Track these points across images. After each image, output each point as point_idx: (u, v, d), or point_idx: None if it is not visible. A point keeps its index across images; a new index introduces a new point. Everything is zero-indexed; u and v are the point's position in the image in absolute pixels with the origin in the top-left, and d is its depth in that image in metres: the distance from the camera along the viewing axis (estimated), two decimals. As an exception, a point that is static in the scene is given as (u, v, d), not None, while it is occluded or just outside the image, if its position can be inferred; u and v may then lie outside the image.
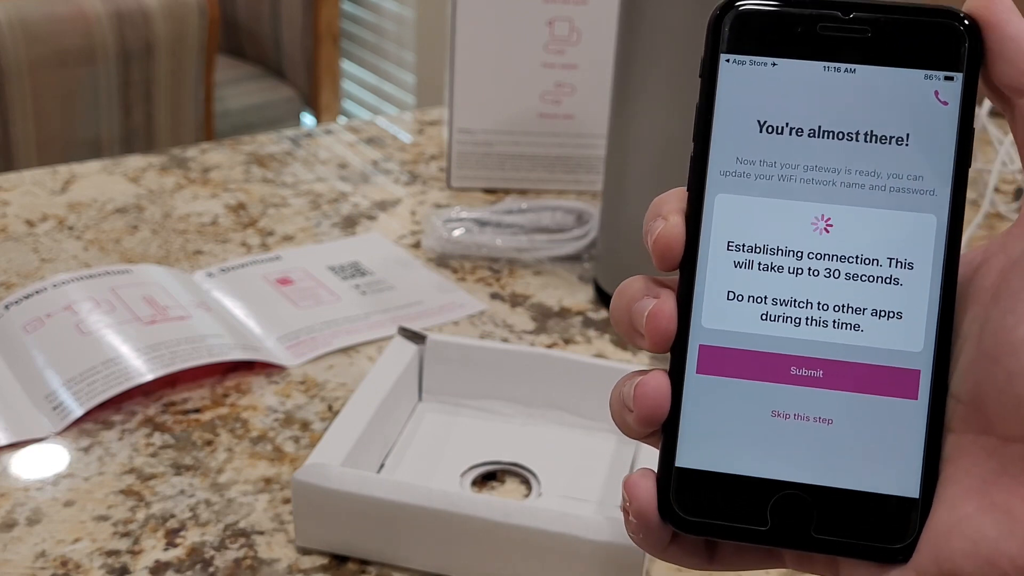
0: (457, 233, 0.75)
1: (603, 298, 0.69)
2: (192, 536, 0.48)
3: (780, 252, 0.30)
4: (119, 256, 0.73)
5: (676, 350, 0.30)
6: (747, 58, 0.30)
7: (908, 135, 0.30)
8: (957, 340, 0.29)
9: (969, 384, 0.28)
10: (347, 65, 2.79)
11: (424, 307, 0.68)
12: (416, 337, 0.57)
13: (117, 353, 0.58)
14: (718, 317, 0.30)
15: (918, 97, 0.30)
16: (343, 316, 0.67)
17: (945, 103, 0.30)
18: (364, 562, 0.47)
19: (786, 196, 0.30)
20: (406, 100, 2.62)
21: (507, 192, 0.86)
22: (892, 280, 0.30)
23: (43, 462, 0.53)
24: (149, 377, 0.56)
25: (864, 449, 0.29)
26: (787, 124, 0.30)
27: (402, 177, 0.88)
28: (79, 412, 0.55)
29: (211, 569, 0.46)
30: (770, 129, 0.30)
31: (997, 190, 0.85)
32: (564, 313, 0.68)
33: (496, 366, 0.57)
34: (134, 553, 0.47)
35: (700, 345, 0.30)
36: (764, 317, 0.30)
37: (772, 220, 0.30)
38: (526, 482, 0.53)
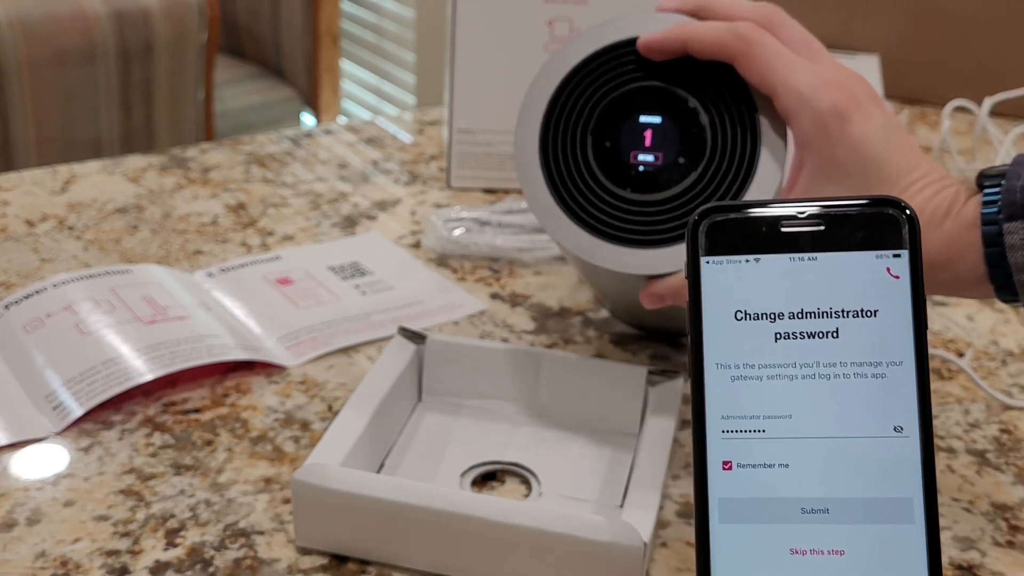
0: (457, 233, 0.75)
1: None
2: (192, 536, 0.48)
3: (770, 425, 0.35)
4: (119, 256, 0.73)
5: (699, 504, 0.34)
6: (724, 258, 0.35)
7: (869, 308, 0.35)
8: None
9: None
10: (347, 65, 2.79)
11: (424, 307, 0.68)
12: (416, 337, 0.57)
13: (117, 353, 0.58)
14: (731, 479, 0.34)
15: (873, 274, 0.35)
16: (343, 316, 0.67)
17: (897, 277, 0.35)
18: (364, 562, 0.47)
19: (770, 378, 0.34)
20: (406, 100, 2.62)
21: (507, 192, 0.86)
22: (888, 442, 0.34)
23: (43, 462, 0.53)
24: (149, 377, 0.56)
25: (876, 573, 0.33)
26: (764, 312, 0.35)
27: (402, 177, 0.88)
28: (79, 412, 0.55)
29: (211, 569, 0.46)
30: (753, 317, 0.35)
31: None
32: (564, 313, 0.68)
33: (496, 366, 0.57)
34: (134, 553, 0.47)
35: (719, 498, 0.34)
36: (768, 474, 0.34)
37: (763, 393, 0.35)
38: (526, 482, 0.53)
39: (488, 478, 0.53)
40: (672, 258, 0.51)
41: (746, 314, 0.35)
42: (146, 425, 0.56)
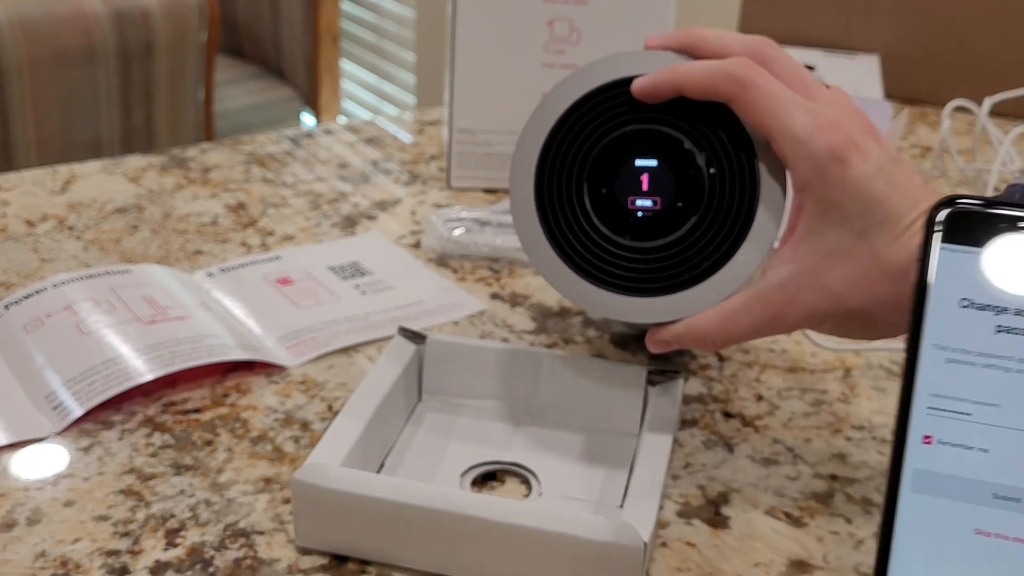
0: (457, 233, 0.75)
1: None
2: (192, 536, 0.48)
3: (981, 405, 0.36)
4: (119, 256, 0.73)
5: (893, 471, 0.35)
6: (959, 247, 0.36)
7: None
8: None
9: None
10: (347, 65, 2.79)
11: (424, 307, 0.68)
12: (416, 337, 0.57)
13: (117, 353, 0.58)
14: (929, 453, 0.35)
15: None
16: (343, 316, 0.67)
17: None
18: (364, 562, 0.47)
19: (985, 366, 0.36)
20: (406, 100, 2.62)
21: (507, 192, 0.86)
22: None
23: (43, 462, 0.53)
24: (149, 377, 0.56)
25: None
26: (989, 304, 0.36)
27: (402, 177, 0.88)
28: (79, 412, 0.55)
29: (211, 569, 0.46)
30: (978, 307, 0.36)
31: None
32: (564, 313, 0.68)
33: (496, 366, 0.57)
34: (134, 553, 0.47)
35: (914, 468, 0.35)
36: (966, 455, 0.35)
37: (975, 379, 0.36)
38: (526, 482, 0.53)
39: (488, 478, 0.53)
40: (674, 306, 0.50)
41: (971, 303, 0.36)
42: (146, 425, 0.56)
